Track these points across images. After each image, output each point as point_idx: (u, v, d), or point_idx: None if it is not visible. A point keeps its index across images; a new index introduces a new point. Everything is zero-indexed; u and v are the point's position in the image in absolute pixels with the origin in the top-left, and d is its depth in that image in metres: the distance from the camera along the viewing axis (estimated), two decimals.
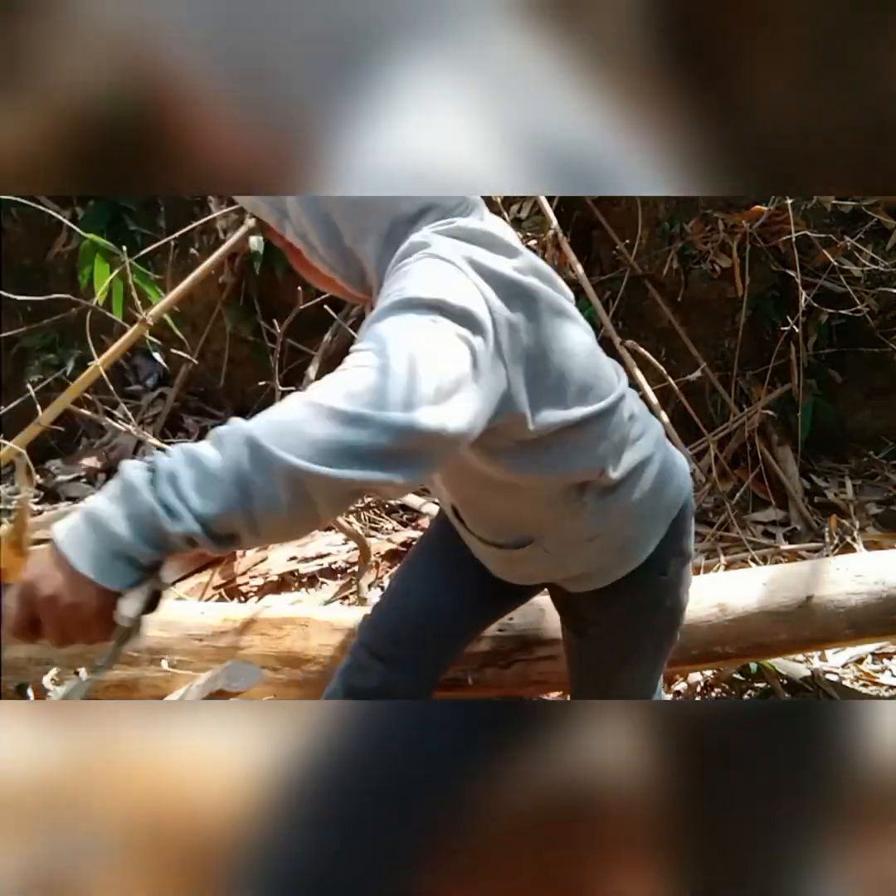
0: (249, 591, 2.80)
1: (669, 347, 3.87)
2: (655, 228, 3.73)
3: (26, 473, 2.03)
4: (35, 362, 3.99)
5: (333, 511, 0.86)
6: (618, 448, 1.21)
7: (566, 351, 1.08)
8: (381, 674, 1.55)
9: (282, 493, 0.80)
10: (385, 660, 1.55)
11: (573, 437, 1.13)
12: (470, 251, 1.00)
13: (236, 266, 3.90)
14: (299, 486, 0.80)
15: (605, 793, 0.97)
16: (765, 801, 0.96)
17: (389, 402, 0.82)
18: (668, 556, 1.33)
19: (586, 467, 1.18)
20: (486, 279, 0.98)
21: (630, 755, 0.99)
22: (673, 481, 1.33)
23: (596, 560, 1.31)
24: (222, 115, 0.97)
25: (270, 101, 0.97)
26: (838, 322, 3.61)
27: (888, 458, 3.86)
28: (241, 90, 0.97)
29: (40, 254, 4.11)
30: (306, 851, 0.92)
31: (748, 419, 3.61)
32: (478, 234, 1.03)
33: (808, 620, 1.92)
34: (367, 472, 0.81)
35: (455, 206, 1.08)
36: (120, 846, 0.87)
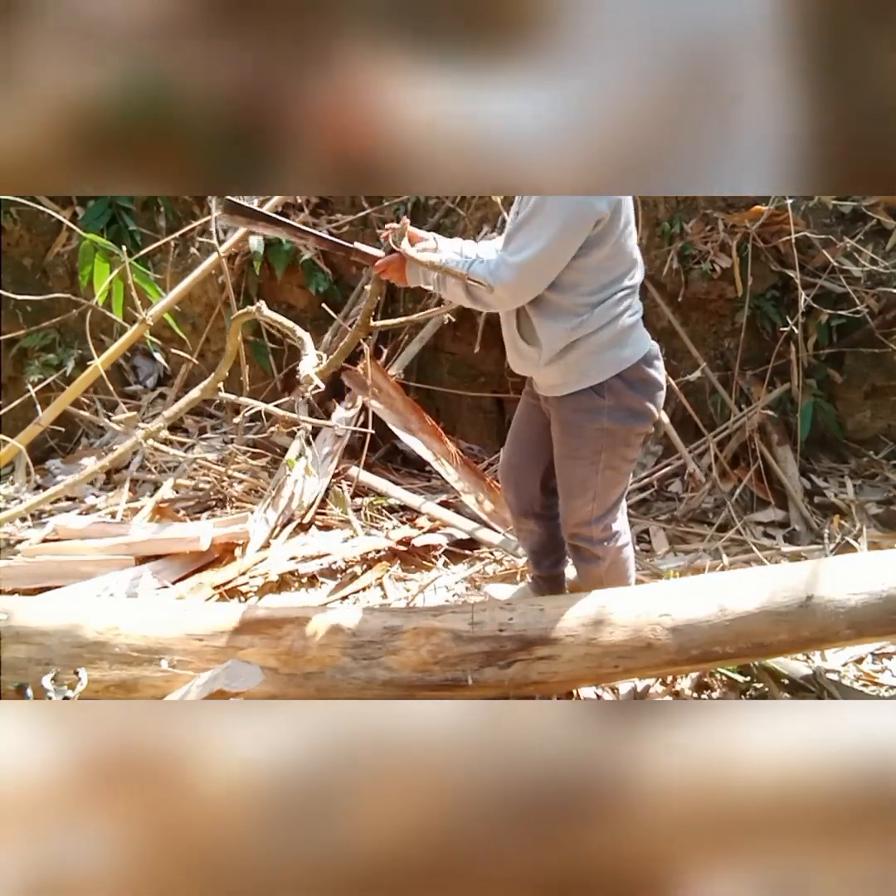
0: (249, 591, 2.80)
1: (669, 347, 3.87)
2: (655, 228, 3.73)
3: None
4: (35, 362, 3.99)
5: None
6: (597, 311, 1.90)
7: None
8: (514, 514, 2.38)
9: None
10: (513, 509, 2.36)
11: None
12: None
13: (236, 266, 3.90)
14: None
15: (605, 791, 0.97)
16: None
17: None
18: (608, 390, 1.95)
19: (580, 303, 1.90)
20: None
21: (630, 754, 0.99)
22: (628, 349, 1.96)
23: (557, 377, 1.98)
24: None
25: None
26: (838, 322, 3.60)
27: (888, 458, 3.86)
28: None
29: (40, 254, 4.11)
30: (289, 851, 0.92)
31: (748, 419, 3.61)
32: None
33: (808, 620, 1.92)
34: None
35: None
36: (120, 845, 0.87)
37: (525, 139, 1.17)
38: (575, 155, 1.21)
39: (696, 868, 1.02)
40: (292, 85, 1.10)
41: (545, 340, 1.94)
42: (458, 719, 1.05)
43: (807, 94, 1.13)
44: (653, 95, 1.14)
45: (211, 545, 2.83)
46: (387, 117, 1.11)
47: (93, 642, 1.91)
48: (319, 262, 3.92)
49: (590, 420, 1.98)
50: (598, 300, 1.90)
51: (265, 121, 1.13)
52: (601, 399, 1.96)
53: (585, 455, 2.02)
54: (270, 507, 3.13)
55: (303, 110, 1.12)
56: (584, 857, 0.97)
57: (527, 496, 2.29)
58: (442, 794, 0.99)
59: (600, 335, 1.92)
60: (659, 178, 1.25)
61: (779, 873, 1.01)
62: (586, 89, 1.12)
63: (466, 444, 3.96)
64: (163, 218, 4.05)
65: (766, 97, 1.14)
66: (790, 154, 1.17)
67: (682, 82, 1.15)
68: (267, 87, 1.09)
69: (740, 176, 1.22)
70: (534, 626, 1.97)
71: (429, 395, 4.09)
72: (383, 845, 0.96)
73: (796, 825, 1.04)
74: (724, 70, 1.13)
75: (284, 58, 1.08)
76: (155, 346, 3.82)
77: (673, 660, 1.95)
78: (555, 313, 1.92)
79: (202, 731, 0.93)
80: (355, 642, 1.96)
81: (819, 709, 1.30)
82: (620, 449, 2.02)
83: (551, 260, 1.82)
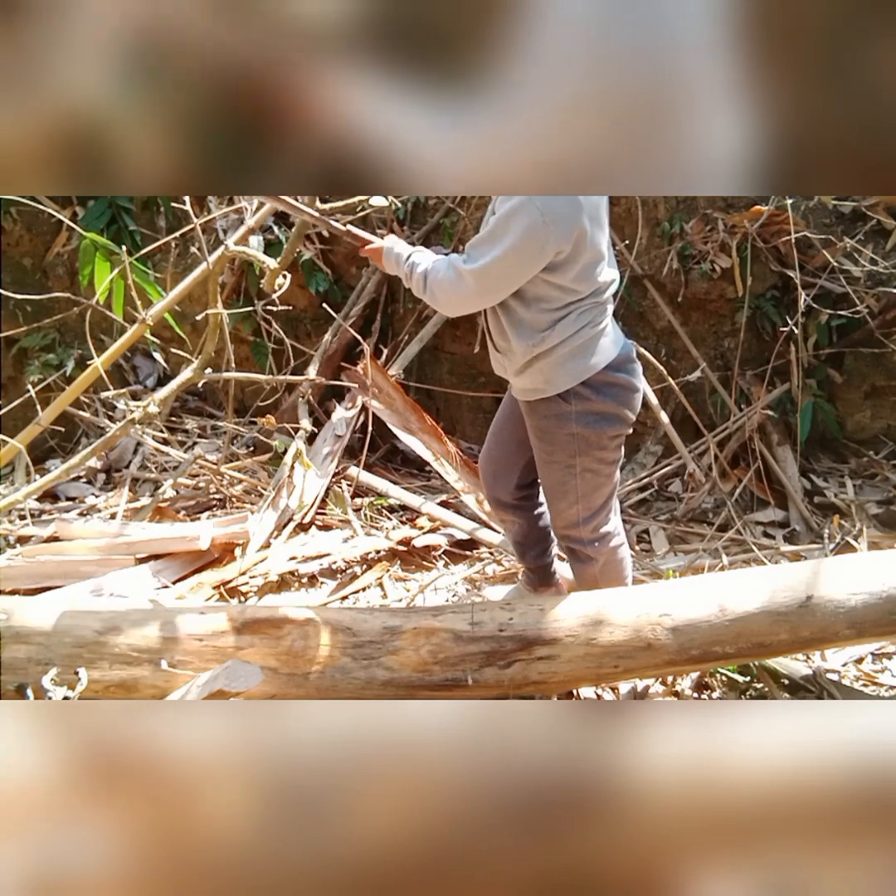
0: (249, 591, 2.80)
1: (669, 347, 3.87)
2: (655, 228, 3.73)
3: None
4: (35, 362, 3.99)
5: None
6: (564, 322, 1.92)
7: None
8: (491, 506, 2.43)
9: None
10: (490, 500, 2.40)
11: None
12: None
13: (236, 266, 3.90)
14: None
15: (605, 790, 0.97)
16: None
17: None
18: (574, 396, 1.98)
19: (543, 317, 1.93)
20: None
21: (629, 752, 0.99)
22: (592, 358, 1.97)
23: (526, 382, 2.03)
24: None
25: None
26: (838, 322, 3.60)
27: (888, 458, 3.86)
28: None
29: (40, 254, 4.12)
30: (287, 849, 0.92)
31: (748, 419, 3.61)
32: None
33: (808, 620, 1.92)
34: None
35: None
36: (120, 845, 0.87)
37: (465, 146, 1.25)
38: (519, 158, 1.26)
39: (695, 868, 1.02)
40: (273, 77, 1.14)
41: (510, 350, 2.00)
42: (458, 719, 1.05)
43: (760, 95, 1.15)
44: (602, 98, 1.18)
45: (211, 545, 2.83)
46: (349, 121, 1.20)
47: (93, 642, 1.91)
48: (319, 262, 3.93)
49: (559, 426, 2.02)
50: (560, 316, 1.92)
51: (253, 118, 1.14)
52: (568, 405, 1.99)
53: (561, 459, 2.06)
54: (270, 507, 3.13)
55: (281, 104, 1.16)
56: (584, 856, 0.97)
57: (502, 488, 2.33)
58: (442, 794, 0.99)
59: (561, 348, 1.94)
60: (608, 178, 1.30)
61: (778, 873, 1.01)
62: (536, 96, 1.17)
63: (466, 444, 3.96)
64: (163, 218, 4.05)
65: (718, 98, 1.17)
66: (745, 155, 1.20)
67: (632, 88, 1.18)
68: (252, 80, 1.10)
69: (692, 177, 1.27)
70: (534, 626, 1.97)
71: (429, 395, 4.10)
72: (383, 845, 0.96)
73: (796, 825, 1.04)
74: (676, 73, 1.16)
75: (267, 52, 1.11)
76: (155, 346, 3.83)
77: (673, 660, 1.95)
78: (519, 325, 1.95)
79: (202, 731, 0.93)
80: (355, 642, 1.96)
81: (819, 709, 1.30)
82: (595, 452, 2.03)
83: (497, 277, 1.84)
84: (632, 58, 1.14)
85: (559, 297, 1.90)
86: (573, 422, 2.00)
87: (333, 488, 3.32)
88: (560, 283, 1.86)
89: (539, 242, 1.76)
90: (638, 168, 1.25)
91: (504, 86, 1.18)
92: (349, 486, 3.37)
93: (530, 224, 1.73)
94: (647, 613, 1.96)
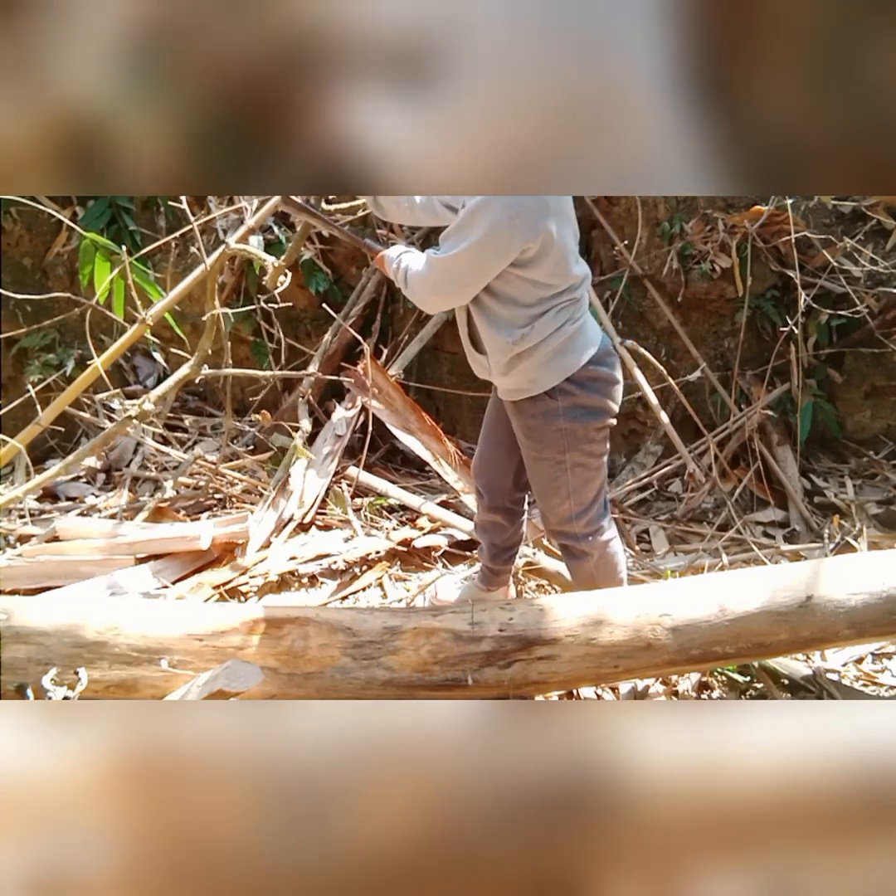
0: (249, 591, 2.80)
1: (669, 347, 3.87)
2: (655, 228, 3.73)
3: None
4: (35, 362, 3.99)
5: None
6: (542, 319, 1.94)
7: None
8: (483, 507, 2.39)
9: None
10: (481, 494, 2.37)
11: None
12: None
13: (236, 266, 3.90)
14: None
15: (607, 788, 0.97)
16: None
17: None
18: (560, 392, 2.00)
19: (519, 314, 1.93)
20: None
21: (630, 752, 0.99)
22: (574, 354, 1.98)
23: (510, 383, 2.04)
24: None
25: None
26: (838, 322, 3.60)
27: (888, 458, 3.86)
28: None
29: (40, 254, 4.11)
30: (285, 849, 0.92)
31: (748, 419, 3.61)
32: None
33: (808, 620, 1.92)
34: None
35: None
36: (121, 845, 0.87)
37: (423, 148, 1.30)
38: (465, 160, 1.31)
39: (696, 868, 1.02)
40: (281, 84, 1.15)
41: (490, 350, 2.02)
42: (458, 719, 1.05)
43: (703, 97, 1.17)
44: (547, 98, 1.21)
45: (211, 545, 2.83)
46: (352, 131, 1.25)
47: (93, 642, 1.91)
48: (319, 261, 3.93)
49: (547, 423, 2.04)
50: (538, 313, 1.94)
51: (255, 121, 1.15)
52: (554, 401, 2.01)
53: (550, 456, 2.07)
54: (270, 507, 3.13)
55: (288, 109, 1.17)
56: (584, 857, 0.97)
57: (498, 490, 2.34)
58: (442, 794, 0.99)
59: (543, 347, 1.96)
60: (556, 178, 1.32)
61: (778, 873, 1.01)
62: (476, 100, 1.22)
63: (466, 444, 3.96)
64: (163, 218, 4.05)
65: (664, 97, 1.19)
66: (698, 153, 1.22)
67: (575, 89, 1.20)
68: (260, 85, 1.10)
69: (641, 175, 1.29)
70: (534, 626, 1.97)
71: (429, 395, 4.10)
72: (383, 845, 0.96)
73: (796, 825, 1.04)
74: (621, 73, 1.18)
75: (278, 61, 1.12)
76: (155, 346, 3.83)
77: (673, 660, 1.95)
78: (496, 323, 1.96)
79: (202, 731, 0.93)
80: (355, 642, 1.96)
81: (819, 709, 1.30)
82: (583, 446, 2.06)
83: (463, 271, 1.87)
84: (577, 58, 1.17)
85: (533, 292, 1.91)
86: (561, 417, 2.02)
87: (333, 488, 3.32)
88: (534, 278, 1.88)
89: (504, 238, 1.79)
90: (583, 167, 1.28)
91: (451, 89, 1.22)
92: (349, 486, 3.37)
93: (495, 220, 1.76)
94: (647, 613, 1.96)
